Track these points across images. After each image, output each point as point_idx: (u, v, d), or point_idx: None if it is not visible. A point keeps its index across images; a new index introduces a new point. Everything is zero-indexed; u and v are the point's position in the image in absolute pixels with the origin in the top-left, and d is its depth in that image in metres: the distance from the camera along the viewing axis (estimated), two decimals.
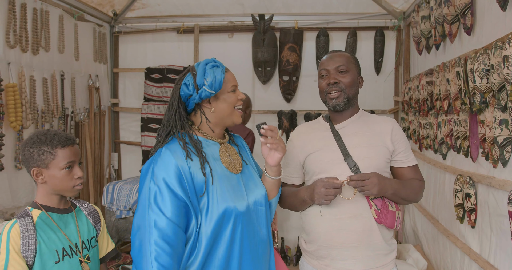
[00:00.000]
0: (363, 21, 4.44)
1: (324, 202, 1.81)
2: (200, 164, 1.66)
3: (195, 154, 1.68)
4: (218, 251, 1.64)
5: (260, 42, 4.42)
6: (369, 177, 1.77)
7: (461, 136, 2.61)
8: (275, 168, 1.80)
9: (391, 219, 1.88)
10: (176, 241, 1.56)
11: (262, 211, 1.78)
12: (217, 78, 1.70)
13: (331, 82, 1.93)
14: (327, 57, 2.00)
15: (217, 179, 1.68)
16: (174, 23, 4.66)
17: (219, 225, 1.62)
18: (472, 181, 2.44)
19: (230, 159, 1.78)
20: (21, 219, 1.65)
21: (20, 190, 3.15)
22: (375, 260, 1.92)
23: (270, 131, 1.69)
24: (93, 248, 1.80)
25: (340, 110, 1.97)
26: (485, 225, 2.35)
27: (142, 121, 4.56)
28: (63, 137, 1.71)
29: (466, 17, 2.51)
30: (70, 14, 3.88)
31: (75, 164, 1.72)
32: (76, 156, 1.73)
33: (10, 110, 2.93)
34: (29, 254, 1.61)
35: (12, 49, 3.05)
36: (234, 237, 1.65)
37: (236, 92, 1.79)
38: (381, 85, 4.46)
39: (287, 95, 4.53)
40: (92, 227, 1.83)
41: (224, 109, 1.75)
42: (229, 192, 1.68)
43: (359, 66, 2.02)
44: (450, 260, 2.90)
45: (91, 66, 4.33)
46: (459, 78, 2.50)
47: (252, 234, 1.72)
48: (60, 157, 1.68)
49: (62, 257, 1.67)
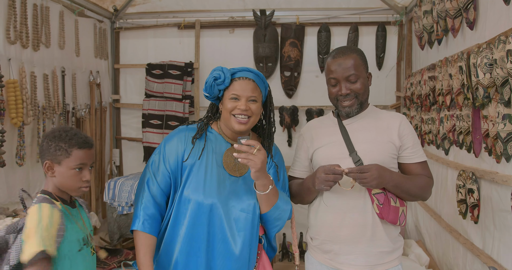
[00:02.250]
0: (365, 16, 4.41)
1: (324, 187, 1.82)
2: (194, 136, 1.91)
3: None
4: (179, 231, 1.85)
5: (261, 38, 4.40)
6: (369, 169, 1.77)
7: (463, 131, 2.59)
8: (256, 183, 1.81)
9: (394, 214, 1.88)
10: (158, 197, 1.87)
11: (243, 216, 1.84)
12: (208, 82, 1.88)
13: (343, 94, 1.92)
14: (335, 63, 1.93)
15: (202, 168, 1.86)
16: (175, 19, 4.64)
17: (184, 208, 1.84)
18: (475, 177, 2.43)
19: (236, 162, 1.88)
20: (54, 205, 1.67)
21: (17, 186, 3.15)
22: (378, 256, 1.92)
23: (246, 146, 1.71)
24: (92, 239, 1.85)
25: (354, 115, 1.98)
26: (488, 221, 2.34)
27: (144, 117, 4.55)
28: (82, 138, 1.75)
29: (469, 11, 2.49)
30: (71, 9, 3.86)
31: (86, 167, 1.76)
32: (89, 160, 1.77)
33: (11, 106, 2.92)
34: (58, 240, 1.61)
35: (12, 45, 3.03)
36: (193, 223, 1.83)
37: (237, 102, 1.84)
38: (383, 81, 4.44)
39: (289, 90, 4.52)
40: (89, 222, 1.88)
41: (224, 113, 1.89)
42: (207, 185, 1.84)
43: (366, 62, 1.99)
44: (452, 256, 2.89)
45: (92, 62, 4.32)
46: (461, 73, 2.48)
47: (212, 234, 1.83)
48: (74, 157, 1.72)
49: (82, 245, 1.73)
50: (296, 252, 2.13)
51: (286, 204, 1.91)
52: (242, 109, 1.82)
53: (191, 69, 4.50)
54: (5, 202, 3.02)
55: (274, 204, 1.86)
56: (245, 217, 1.83)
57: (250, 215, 1.84)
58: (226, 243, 1.81)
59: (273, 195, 1.85)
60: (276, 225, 1.91)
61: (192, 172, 1.86)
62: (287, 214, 1.91)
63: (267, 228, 1.94)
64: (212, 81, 1.86)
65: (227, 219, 1.82)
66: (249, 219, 1.84)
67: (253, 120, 1.87)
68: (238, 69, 1.89)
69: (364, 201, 1.89)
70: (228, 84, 1.86)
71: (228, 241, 1.81)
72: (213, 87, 1.87)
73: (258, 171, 1.73)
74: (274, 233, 1.95)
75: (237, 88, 1.85)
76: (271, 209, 1.86)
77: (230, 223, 1.82)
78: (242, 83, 1.85)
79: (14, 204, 3.14)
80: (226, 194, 1.85)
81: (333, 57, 1.95)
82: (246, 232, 1.83)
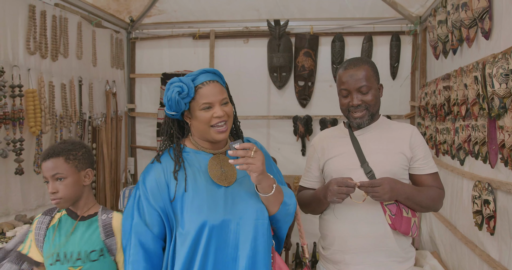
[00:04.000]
0: (379, 25, 4.42)
1: (336, 200, 1.81)
2: (174, 170, 1.70)
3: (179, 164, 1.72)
4: (194, 263, 1.63)
5: (275, 48, 4.43)
6: (380, 183, 1.76)
7: (479, 142, 2.57)
8: (260, 186, 1.67)
9: (406, 225, 1.87)
10: (152, 245, 1.64)
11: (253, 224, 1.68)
12: (172, 99, 1.68)
13: (354, 105, 1.93)
14: (347, 74, 1.93)
15: (196, 191, 1.67)
16: (190, 29, 4.70)
17: (196, 238, 1.62)
18: (491, 188, 2.40)
19: (221, 171, 1.74)
20: (42, 216, 1.80)
21: (32, 194, 3.20)
22: (389, 267, 1.91)
23: (242, 150, 1.58)
24: (91, 262, 1.71)
25: (364, 127, 1.98)
26: (504, 232, 2.31)
27: (158, 126, 4.60)
28: (48, 150, 1.75)
29: (484, 21, 2.48)
30: (88, 20, 3.94)
31: (52, 180, 1.72)
32: (46, 172, 1.71)
33: (29, 115, 2.98)
34: (40, 249, 1.77)
35: (32, 55, 3.11)
36: (206, 252, 1.62)
37: (211, 110, 1.68)
38: (397, 90, 4.43)
39: (303, 100, 4.53)
40: (100, 241, 1.75)
41: (198, 126, 1.72)
42: (207, 206, 1.65)
43: (378, 74, 2.00)
44: (468, 268, 2.85)
45: (108, 72, 4.39)
46: (477, 83, 2.47)
47: (223, 248, 1.65)
48: (43, 171, 1.74)
49: (54, 261, 1.72)
50: (304, 244, 2.02)
51: (291, 198, 1.80)
52: (220, 115, 1.67)
53: None
54: (20, 209, 3.07)
55: (282, 202, 1.74)
56: (255, 224, 1.68)
57: (260, 221, 1.70)
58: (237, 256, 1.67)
59: (279, 193, 1.73)
60: (287, 221, 1.80)
61: (185, 204, 1.66)
62: (294, 206, 1.81)
63: (279, 227, 1.82)
64: (176, 96, 1.66)
65: (236, 233, 1.66)
66: (260, 225, 1.70)
67: (230, 123, 1.74)
68: (197, 74, 1.71)
69: (376, 212, 1.89)
70: (193, 95, 1.68)
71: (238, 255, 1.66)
72: (179, 102, 1.67)
73: (260, 174, 1.60)
74: (286, 230, 1.84)
75: (206, 94, 1.67)
76: (280, 207, 1.73)
77: (245, 235, 1.67)
78: (208, 88, 1.69)
79: (30, 211, 3.20)
80: (231, 206, 1.69)
81: (344, 68, 1.96)
82: (264, 239, 1.69)
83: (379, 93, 1.99)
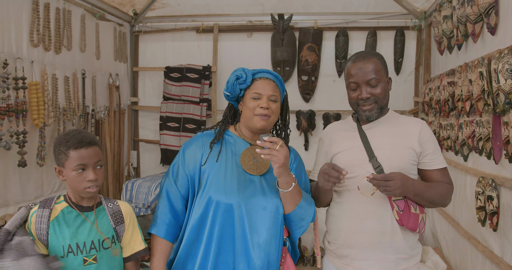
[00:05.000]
0: (383, 20, 4.39)
1: (321, 179, 1.82)
2: (212, 141, 1.94)
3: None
4: (203, 233, 1.83)
5: (279, 42, 4.41)
6: (393, 178, 1.75)
7: (483, 138, 2.56)
8: (279, 180, 1.80)
9: (414, 221, 1.86)
10: (179, 203, 1.90)
11: (266, 215, 1.83)
12: (230, 81, 1.94)
13: (363, 98, 1.91)
14: (355, 67, 1.92)
15: (223, 168, 1.87)
16: (193, 23, 4.69)
17: (206, 209, 1.83)
18: (495, 184, 2.39)
19: (254, 161, 1.91)
20: (40, 209, 1.74)
21: (31, 185, 3.20)
22: (395, 263, 1.90)
23: (269, 142, 1.72)
24: (104, 250, 1.77)
25: (373, 120, 1.97)
26: (507, 229, 2.30)
27: (161, 120, 4.60)
28: (78, 139, 1.73)
29: (490, 16, 2.46)
30: (92, 13, 3.93)
31: (87, 167, 1.73)
32: (89, 159, 1.73)
33: (33, 108, 2.98)
34: (43, 242, 1.72)
35: (35, 48, 3.10)
36: (214, 224, 1.81)
37: (259, 101, 1.88)
38: (401, 86, 4.42)
39: (306, 95, 4.52)
40: (111, 229, 1.81)
41: (245, 112, 1.92)
42: (228, 185, 1.83)
43: (386, 67, 1.98)
44: (471, 264, 2.85)
45: (112, 65, 4.38)
46: (482, 79, 2.45)
47: (229, 227, 1.81)
48: (72, 158, 1.71)
49: (66, 253, 1.70)
50: (318, 255, 2.11)
51: (310, 205, 1.91)
52: (264, 107, 1.85)
53: (209, 72, 4.53)
54: (19, 200, 3.07)
55: (298, 204, 1.85)
56: (268, 216, 1.82)
57: (273, 214, 1.82)
58: (245, 241, 1.79)
59: (297, 194, 1.84)
60: (301, 226, 1.90)
61: (211, 175, 1.86)
62: (311, 215, 1.91)
63: (292, 229, 1.93)
64: (234, 80, 1.91)
65: (249, 218, 1.80)
66: (272, 218, 1.82)
67: (272, 119, 1.90)
68: (259, 71, 1.95)
69: (383, 207, 1.88)
70: (250, 84, 1.92)
71: (247, 240, 1.79)
72: (235, 86, 1.92)
73: (281, 167, 1.73)
74: (299, 235, 1.93)
75: (259, 87, 1.90)
76: (295, 208, 1.85)
77: (252, 222, 1.80)
78: (263, 82, 1.91)
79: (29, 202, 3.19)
80: (248, 193, 1.84)
81: (353, 61, 1.94)
82: (269, 231, 1.81)
83: (388, 87, 1.97)
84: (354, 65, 1.93)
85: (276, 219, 1.83)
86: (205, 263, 1.80)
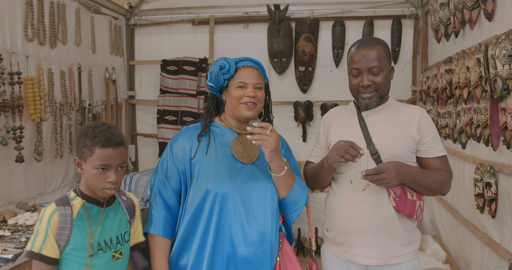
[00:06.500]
0: (380, 9, 4.37)
1: (334, 155, 1.80)
2: (199, 134, 1.91)
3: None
4: (198, 225, 1.82)
5: (275, 33, 4.39)
6: (386, 169, 1.74)
7: (481, 125, 2.56)
8: (272, 165, 1.80)
9: (410, 208, 1.86)
10: (172, 199, 1.87)
11: (262, 201, 1.83)
12: (213, 72, 1.90)
13: (364, 85, 1.91)
14: (359, 53, 1.91)
15: (214, 159, 1.86)
16: (189, 15, 4.66)
17: (201, 201, 1.81)
18: (493, 170, 2.40)
19: (244, 150, 1.91)
20: (61, 207, 1.62)
21: (34, 182, 3.20)
22: (393, 249, 1.90)
23: (259, 128, 1.72)
24: (126, 242, 1.76)
25: (373, 108, 1.96)
26: (505, 215, 2.31)
27: (159, 113, 4.58)
28: (106, 136, 1.62)
29: (487, 2, 2.45)
30: (86, 7, 3.90)
31: (111, 168, 1.63)
32: (114, 160, 1.63)
33: (29, 103, 2.97)
34: (61, 243, 1.61)
35: (30, 42, 3.08)
36: (211, 215, 1.80)
37: (244, 90, 1.87)
38: (399, 75, 4.39)
39: (303, 85, 4.50)
40: (127, 222, 1.78)
41: (230, 102, 1.91)
42: (219, 175, 1.83)
43: (390, 55, 1.96)
44: (470, 251, 2.86)
45: (108, 59, 4.36)
46: (479, 65, 2.45)
47: (226, 216, 1.81)
48: (96, 156, 1.61)
49: (97, 250, 1.65)
50: (312, 237, 2.12)
51: (303, 188, 1.91)
52: (251, 95, 1.85)
53: (205, 65, 4.51)
54: (23, 197, 3.08)
55: (292, 187, 1.86)
56: (263, 202, 1.82)
57: (268, 200, 1.83)
58: (244, 229, 1.79)
59: (289, 177, 1.85)
60: (295, 209, 1.91)
61: (201, 167, 1.85)
62: (304, 197, 1.91)
63: (286, 213, 1.93)
64: (217, 70, 1.88)
65: (245, 205, 1.80)
66: (267, 204, 1.83)
67: (259, 106, 1.90)
68: (241, 59, 1.93)
69: (380, 194, 1.88)
70: (233, 73, 1.90)
71: (246, 227, 1.79)
72: (219, 76, 1.89)
73: (273, 151, 1.73)
74: (294, 219, 1.94)
75: (243, 75, 1.88)
76: (289, 192, 1.86)
77: (249, 209, 1.80)
78: (247, 71, 1.90)
79: (32, 199, 3.20)
80: (240, 181, 1.83)
81: (357, 48, 1.93)
82: (266, 217, 1.82)
83: (390, 75, 1.97)
84: (357, 51, 1.92)
85: (272, 204, 1.84)
86: (201, 255, 1.79)
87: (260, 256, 1.80)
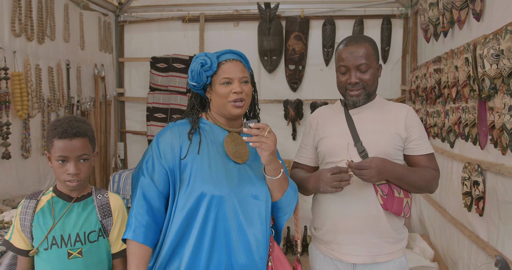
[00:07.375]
0: (370, 9, 4.39)
1: (330, 189, 1.79)
2: (189, 131, 1.76)
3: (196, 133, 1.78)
4: (191, 230, 1.67)
5: (266, 31, 4.38)
6: (368, 167, 1.75)
7: (469, 124, 2.58)
8: (268, 168, 1.70)
9: (398, 206, 1.87)
10: (156, 201, 1.68)
11: (258, 204, 1.72)
12: (195, 70, 1.76)
13: (352, 82, 1.91)
14: (347, 51, 1.90)
15: (207, 159, 1.71)
16: (179, 12, 4.64)
17: (195, 205, 1.66)
18: (481, 169, 2.42)
19: (236, 149, 1.79)
20: (27, 200, 1.72)
21: (28, 179, 3.17)
22: (381, 247, 1.91)
23: (256, 129, 1.63)
24: (91, 243, 1.69)
25: (360, 106, 1.97)
26: (493, 213, 2.33)
27: (148, 111, 4.56)
28: (63, 128, 1.64)
29: (475, 2, 2.47)
30: (75, 3, 3.86)
31: (69, 159, 1.64)
32: (71, 152, 1.63)
33: (16, 99, 2.94)
34: (27, 235, 1.69)
35: (17, 37, 3.04)
36: (207, 220, 1.66)
37: (230, 86, 1.74)
38: (388, 74, 4.41)
39: (293, 84, 4.51)
40: (97, 221, 1.72)
41: (217, 100, 1.78)
42: (215, 176, 1.69)
43: (378, 53, 1.97)
44: (457, 249, 2.88)
45: (97, 56, 4.32)
46: (467, 65, 2.46)
47: (228, 226, 1.67)
48: (55, 147, 1.64)
49: (50, 245, 1.65)
50: (298, 239, 2.04)
51: (295, 191, 1.84)
52: (238, 91, 1.72)
53: None
54: (16, 194, 3.04)
55: (286, 190, 1.77)
56: (259, 205, 1.72)
57: (263, 203, 1.73)
58: (243, 234, 1.69)
59: (284, 180, 1.76)
60: (287, 212, 1.83)
61: (194, 168, 1.69)
62: (296, 199, 1.84)
63: (278, 217, 1.84)
64: (199, 68, 1.74)
65: (242, 209, 1.69)
66: (263, 207, 1.73)
67: (247, 101, 1.78)
68: (222, 52, 1.81)
69: (367, 192, 1.89)
70: (216, 69, 1.76)
71: (245, 232, 1.69)
72: (201, 74, 1.75)
73: (271, 154, 1.64)
74: (284, 221, 1.86)
75: (227, 70, 1.75)
76: (283, 195, 1.77)
77: (245, 213, 1.69)
78: (230, 65, 1.76)
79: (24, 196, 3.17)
80: (236, 182, 1.71)
81: (345, 45, 1.93)
82: (262, 221, 1.71)
83: (378, 73, 1.97)
84: (345, 48, 1.92)
85: (267, 207, 1.74)
86: (195, 264, 1.65)
87: (258, 262, 1.70)
